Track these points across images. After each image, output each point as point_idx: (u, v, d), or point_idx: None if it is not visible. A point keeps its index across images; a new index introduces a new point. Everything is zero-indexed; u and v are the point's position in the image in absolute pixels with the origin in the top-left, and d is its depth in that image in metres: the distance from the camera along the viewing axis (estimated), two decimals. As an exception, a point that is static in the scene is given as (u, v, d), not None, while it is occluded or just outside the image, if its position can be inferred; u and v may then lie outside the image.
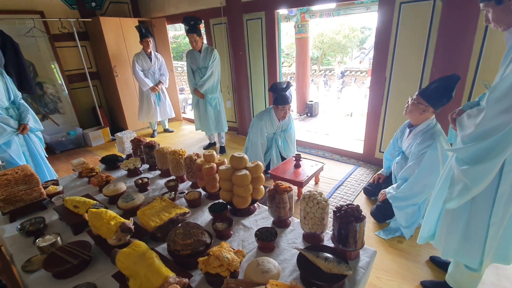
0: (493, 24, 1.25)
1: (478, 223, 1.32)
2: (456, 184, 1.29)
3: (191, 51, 3.67)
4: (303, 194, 1.24)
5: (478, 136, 1.16)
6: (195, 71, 3.69)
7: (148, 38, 4.20)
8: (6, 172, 1.62)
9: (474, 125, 1.17)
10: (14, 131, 2.39)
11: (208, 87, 3.62)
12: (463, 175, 1.23)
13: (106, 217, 1.24)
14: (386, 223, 2.33)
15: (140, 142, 2.21)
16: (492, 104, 1.10)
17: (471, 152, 1.19)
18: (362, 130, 3.52)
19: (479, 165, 1.17)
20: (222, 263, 1.01)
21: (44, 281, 1.13)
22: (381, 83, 3.04)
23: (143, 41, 4.22)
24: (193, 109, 4.00)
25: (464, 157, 1.25)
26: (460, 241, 1.39)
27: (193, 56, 3.62)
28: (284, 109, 2.90)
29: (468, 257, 1.40)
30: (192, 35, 3.43)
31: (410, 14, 2.66)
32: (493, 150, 1.13)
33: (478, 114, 1.17)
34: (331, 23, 14.96)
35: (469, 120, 1.22)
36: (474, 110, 1.22)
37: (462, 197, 1.26)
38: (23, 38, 4.00)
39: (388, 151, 2.52)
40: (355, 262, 1.14)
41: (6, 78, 2.43)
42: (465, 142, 1.23)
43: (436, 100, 1.91)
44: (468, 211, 1.33)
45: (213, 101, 3.75)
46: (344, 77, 10.98)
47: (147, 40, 4.19)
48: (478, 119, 1.16)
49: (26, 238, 1.40)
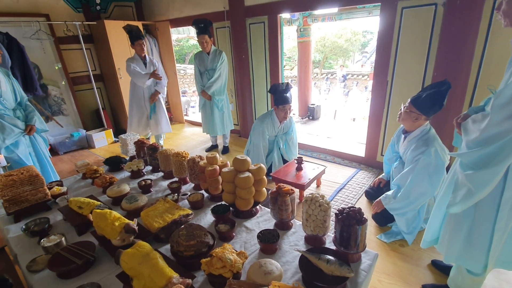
0: (501, 15, 1.22)
1: (481, 228, 1.31)
2: (460, 188, 1.28)
3: (199, 53, 3.69)
4: (305, 196, 1.25)
5: (483, 142, 1.16)
6: (203, 73, 3.71)
7: (141, 40, 3.62)
8: (12, 173, 1.64)
9: (479, 130, 1.17)
10: (21, 132, 2.42)
11: (215, 88, 3.65)
12: (467, 180, 1.22)
13: (110, 218, 1.26)
14: (388, 226, 2.33)
15: (144, 144, 2.23)
16: (497, 110, 1.10)
17: (476, 157, 1.19)
18: (364, 134, 3.53)
19: (483, 170, 1.17)
20: (225, 265, 1.02)
21: (49, 281, 1.15)
22: (383, 87, 3.06)
23: (135, 44, 3.63)
24: (201, 111, 4.01)
25: (468, 162, 1.25)
26: (463, 246, 1.39)
27: (201, 58, 3.65)
28: (284, 109, 2.92)
29: (471, 262, 1.39)
30: (203, 36, 3.46)
31: (411, 18, 2.68)
32: (497, 155, 1.13)
33: (483, 119, 1.17)
34: (333, 27, 15.05)
35: (474, 125, 1.22)
36: (479, 115, 1.22)
37: (466, 202, 1.25)
38: (28, 41, 4.05)
39: (387, 155, 2.53)
40: (356, 264, 1.14)
41: (13, 80, 2.47)
42: (469, 147, 1.23)
43: (428, 109, 1.91)
44: (472, 216, 1.33)
45: (220, 103, 3.80)
46: (346, 81, 11.01)
47: (140, 42, 3.62)
48: (483, 125, 1.16)
49: (31, 238, 1.41)
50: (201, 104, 3.91)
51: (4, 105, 2.36)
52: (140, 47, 3.66)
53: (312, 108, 5.98)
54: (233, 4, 4.00)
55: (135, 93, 3.86)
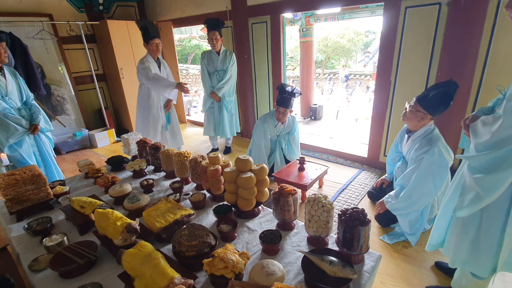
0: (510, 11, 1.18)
1: (489, 232, 1.28)
2: (467, 192, 1.25)
3: (208, 53, 3.57)
4: (308, 197, 1.24)
5: (494, 145, 1.13)
6: (212, 73, 3.60)
7: (158, 39, 3.17)
8: (14, 172, 1.65)
9: (489, 133, 1.14)
10: (25, 131, 2.43)
11: (226, 90, 3.57)
12: (475, 184, 1.20)
13: (112, 217, 1.25)
14: (391, 227, 2.31)
15: (146, 143, 2.23)
16: (510, 113, 1.08)
17: (485, 160, 1.17)
18: (366, 134, 3.51)
19: (493, 174, 1.14)
20: (227, 265, 1.01)
21: (51, 280, 1.14)
22: (386, 87, 3.04)
23: (150, 44, 3.12)
24: (205, 113, 3.85)
25: (477, 165, 1.22)
26: (469, 250, 1.36)
27: (211, 57, 3.55)
28: (281, 112, 2.91)
29: (477, 266, 1.37)
30: (213, 32, 3.36)
31: (415, 18, 2.66)
32: (508, 159, 1.10)
33: (494, 122, 1.15)
34: (336, 27, 15.01)
35: (484, 127, 1.19)
36: (490, 117, 1.19)
37: (474, 206, 1.22)
38: (32, 40, 4.07)
39: (390, 156, 2.51)
40: (359, 266, 1.13)
41: (20, 80, 2.48)
42: (479, 150, 1.20)
43: (435, 108, 1.90)
44: (479, 220, 1.30)
45: (229, 105, 3.71)
46: (348, 81, 10.98)
47: (156, 41, 3.14)
48: (494, 127, 1.13)
49: (33, 238, 1.41)
50: (207, 105, 3.76)
51: (10, 104, 2.37)
52: (156, 47, 3.17)
53: (314, 108, 5.97)
54: (235, 4, 3.99)
55: (148, 101, 3.26)
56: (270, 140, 3.12)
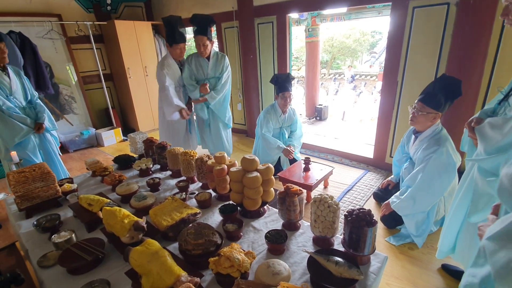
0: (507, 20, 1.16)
1: None
2: (481, 196, 1.24)
3: (195, 57, 2.95)
4: (314, 197, 1.24)
5: (506, 147, 1.12)
6: (200, 81, 3.01)
7: (183, 44, 2.89)
8: (24, 170, 1.68)
9: (501, 135, 1.13)
10: (30, 130, 2.47)
11: (219, 99, 3.04)
12: (489, 187, 1.18)
13: (120, 215, 1.27)
14: (397, 229, 2.29)
15: (152, 142, 2.24)
16: None
17: (498, 162, 1.15)
18: (372, 135, 3.49)
19: None
20: (233, 264, 1.02)
21: (59, 277, 1.16)
22: (392, 88, 3.02)
23: (174, 48, 2.84)
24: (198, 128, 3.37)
25: (489, 168, 1.20)
26: None
27: (199, 63, 2.95)
28: (284, 97, 3.00)
29: None
30: (200, 38, 2.75)
31: (423, 18, 2.64)
32: None
33: (505, 123, 1.13)
34: (342, 27, 14.92)
35: (494, 130, 1.18)
36: (499, 119, 1.17)
37: (489, 210, 1.22)
38: (41, 40, 4.14)
39: (396, 157, 2.49)
40: (365, 267, 1.13)
41: (24, 79, 2.52)
42: (489, 152, 1.18)
43: (444, 105, 1.89)
44: None
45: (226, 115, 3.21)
46: (354, 81, 10.91)
47: (180, 46, 2.88)
48: (505, 129, 1.12)
49: (42, 234, 1.44)
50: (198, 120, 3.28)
51: (15, 104, 2.41)
52: (180, 52, 2.91)
53: (320, 109, 5.95)
54: (241, 4, 4.00)
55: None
56: (273, 132, 3.21)
